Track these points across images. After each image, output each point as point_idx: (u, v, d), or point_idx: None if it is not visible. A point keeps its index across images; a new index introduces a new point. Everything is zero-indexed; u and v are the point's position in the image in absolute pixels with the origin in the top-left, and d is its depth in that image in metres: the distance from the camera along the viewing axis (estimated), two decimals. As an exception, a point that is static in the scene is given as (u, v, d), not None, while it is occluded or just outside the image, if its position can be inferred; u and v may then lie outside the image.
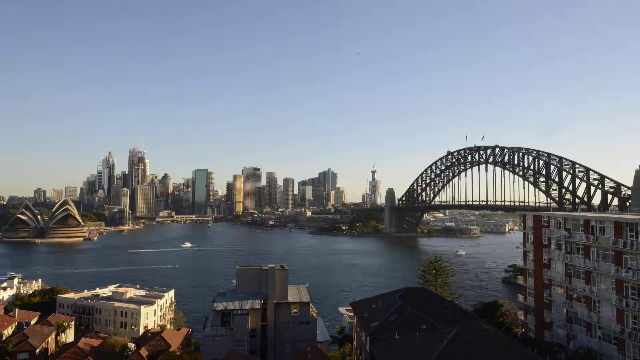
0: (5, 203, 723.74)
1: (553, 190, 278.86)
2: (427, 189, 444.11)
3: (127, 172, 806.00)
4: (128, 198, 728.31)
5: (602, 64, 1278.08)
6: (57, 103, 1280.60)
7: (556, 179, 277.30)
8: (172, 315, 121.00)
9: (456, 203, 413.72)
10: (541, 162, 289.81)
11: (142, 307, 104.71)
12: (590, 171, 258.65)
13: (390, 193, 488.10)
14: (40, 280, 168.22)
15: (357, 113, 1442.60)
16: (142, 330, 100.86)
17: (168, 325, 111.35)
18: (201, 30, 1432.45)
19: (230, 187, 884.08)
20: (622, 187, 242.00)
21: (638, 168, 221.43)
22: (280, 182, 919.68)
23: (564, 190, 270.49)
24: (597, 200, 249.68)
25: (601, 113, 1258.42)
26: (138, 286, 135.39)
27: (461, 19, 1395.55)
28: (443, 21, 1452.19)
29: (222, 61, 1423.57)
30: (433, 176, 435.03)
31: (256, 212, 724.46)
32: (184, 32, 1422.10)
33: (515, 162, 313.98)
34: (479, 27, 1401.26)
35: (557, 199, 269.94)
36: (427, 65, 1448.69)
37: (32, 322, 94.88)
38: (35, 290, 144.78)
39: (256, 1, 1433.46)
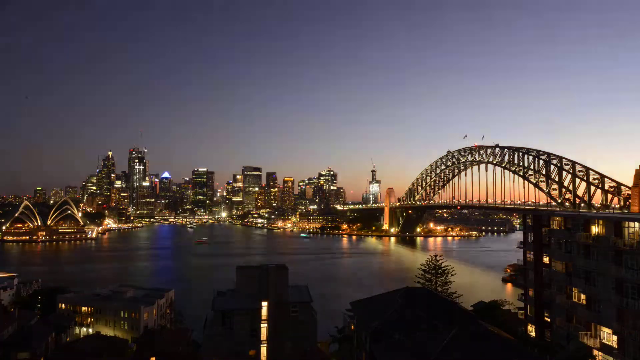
0: (5, 203, 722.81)
1: (553, 189, 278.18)
2: (427, 188, 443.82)
3: (127, 172, 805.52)
4: (128, 198, 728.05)
5: (603, 63, 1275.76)
6: (57, 103, 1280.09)
7: (556, 179, 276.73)
8: (172, 315, 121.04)
9: (456, 203, 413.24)
10: (541, 162, 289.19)
11: (142, 307, 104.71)
12: (590, 171, 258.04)
13: (390, 193, 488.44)
14: (40, 280, 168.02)
15: (357, 113, 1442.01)
16: (142, 330, 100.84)
17: (168, 325, 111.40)
18: (200, 30, 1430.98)
19: (230, 187, 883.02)
20: (622, 187, 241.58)
21: (638, 168, 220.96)
22: (280, 182, 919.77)
23: (564, 189, 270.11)
24: (597, 200, 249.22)
25: (601, 112, 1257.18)
26: (138, 286, 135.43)
27: (456, 17, 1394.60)
28: (442, 21, 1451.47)
29: (221, 61, 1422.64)
30: (433, 176, 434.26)
31: (256, 212, 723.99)
32: (183, 31, 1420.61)
33: (515, 161, 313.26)
34: (477, 26, 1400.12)
35: (557, 199, 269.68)
36: (426, 65, 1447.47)
37: (32, 322, 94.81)
38: (35, 290, 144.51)
39: (257, 3, 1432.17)
